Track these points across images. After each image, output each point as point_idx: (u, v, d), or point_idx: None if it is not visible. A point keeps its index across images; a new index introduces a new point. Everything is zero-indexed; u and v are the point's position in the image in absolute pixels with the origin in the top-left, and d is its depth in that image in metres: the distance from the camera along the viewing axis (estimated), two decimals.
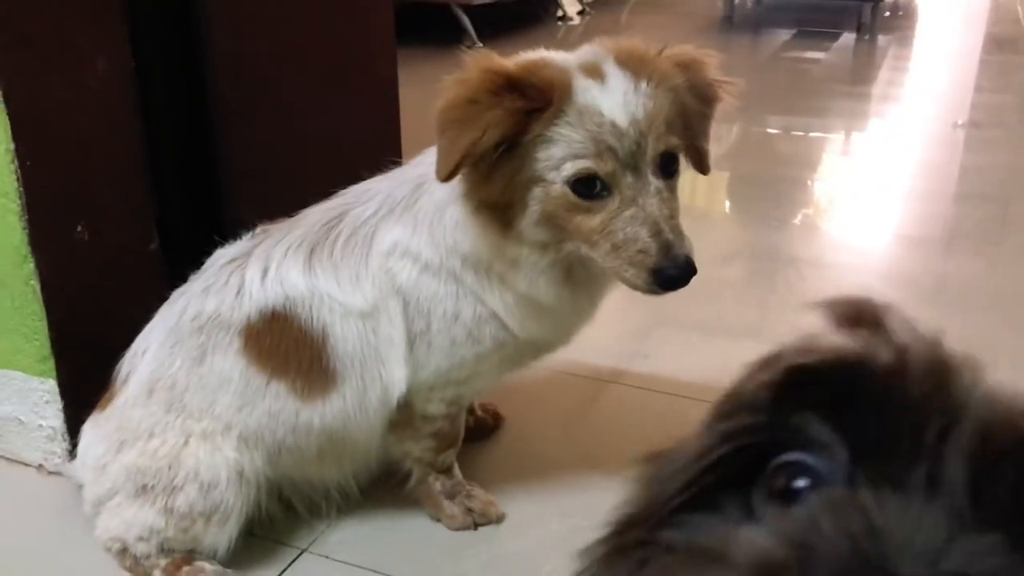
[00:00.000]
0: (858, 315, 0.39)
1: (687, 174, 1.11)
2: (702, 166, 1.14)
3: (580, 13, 5.81)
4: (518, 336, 1.15)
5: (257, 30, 1.54)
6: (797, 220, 2.51)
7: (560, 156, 1.00)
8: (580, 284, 1.14)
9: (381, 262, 1.13)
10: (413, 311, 1.13)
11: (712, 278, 2.07)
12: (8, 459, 1.41)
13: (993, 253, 2.21)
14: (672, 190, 1.06)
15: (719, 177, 2.91)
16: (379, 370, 1.15)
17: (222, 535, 1.16)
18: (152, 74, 1.39)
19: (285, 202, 1.27)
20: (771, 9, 5.91)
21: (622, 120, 1.00)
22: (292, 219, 1.21)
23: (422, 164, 1.16)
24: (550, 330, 1.18)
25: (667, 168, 1.04)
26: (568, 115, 1.00)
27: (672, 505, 0.39)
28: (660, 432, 1.49)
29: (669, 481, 0.39)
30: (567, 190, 1.01)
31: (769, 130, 3.41)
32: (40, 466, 1.39)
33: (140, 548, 1.15)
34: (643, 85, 1.02)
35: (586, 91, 1.01)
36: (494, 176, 1.03)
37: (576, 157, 1.00)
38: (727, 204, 2.76)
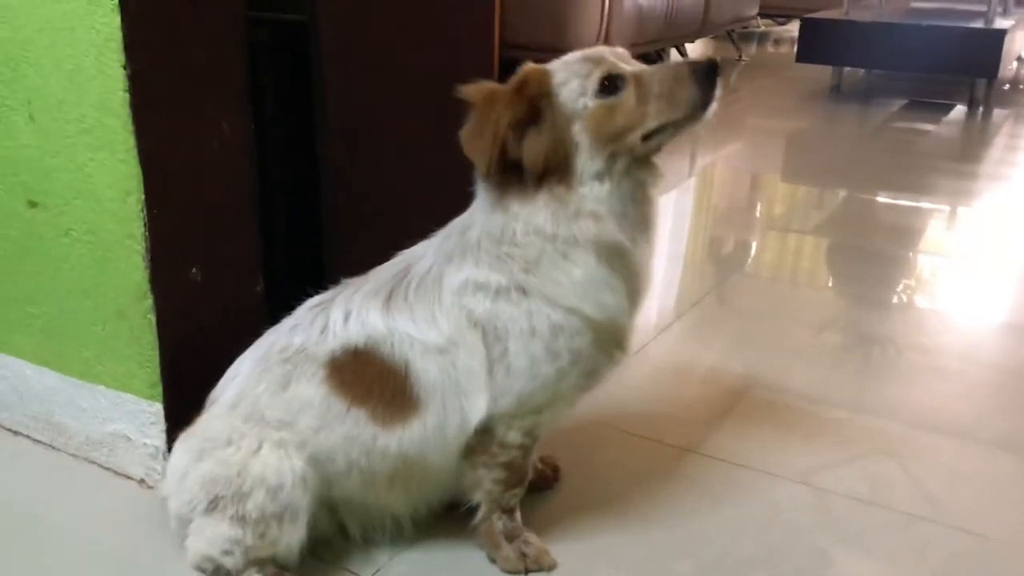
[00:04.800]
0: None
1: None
2: None
3: None
4: (595, 319, 1.23)
5: (369, 97, 1.68)
6: (896, 294, 2.49)
7: (577, 85, 1.19)
8: (634, 213, 1.24)
9: (455, 300, 1.24)
10: (492, 338, 1.23)
11: (807, 345, 2.08)
12: (115, 472, 1.57)
13: None
14: None
15: (819, 243, 2.92)
16: (460, 400, 1.24)
17: (295, 533, 1.26)
18: (269, 137, 1.54)
19: (382, 253, 1.38)
20: (882, 79, 5.84)
21: (591, 49, 1.23)
22: (364, 275, 1.33)
23: (458, 218, 1.31)
24: (621, 295, 1.25)
25: None
26: (556, 67, 1.22)
27: None
28: (720, 502, 1.53)
29: None
30: (599, 101, 1.19)
31: (873, 199, 3.38)
32: (142, 480, 1.54)
33: (228, 562, 1.26)
34: None
35: (554, 60, 1.23)
36: (534, 147, 1.18)
37: (586, 76, 1.19)
38: (826, 271, 2.76)
